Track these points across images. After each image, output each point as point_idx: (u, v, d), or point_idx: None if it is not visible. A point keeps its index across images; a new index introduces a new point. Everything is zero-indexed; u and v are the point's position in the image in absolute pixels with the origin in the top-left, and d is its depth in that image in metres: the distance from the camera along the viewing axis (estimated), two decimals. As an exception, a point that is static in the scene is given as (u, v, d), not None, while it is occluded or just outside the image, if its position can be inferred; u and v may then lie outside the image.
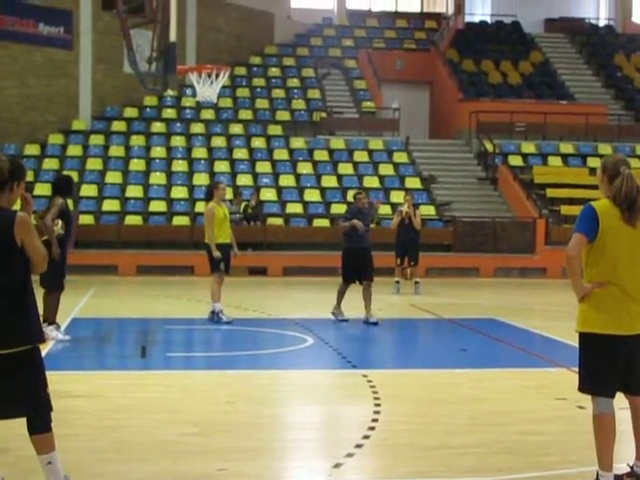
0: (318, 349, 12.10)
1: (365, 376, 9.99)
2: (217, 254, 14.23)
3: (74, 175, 24.62)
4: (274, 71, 33.97)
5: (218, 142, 29.27)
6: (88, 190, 26.09)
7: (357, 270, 14.65)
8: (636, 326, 5.93)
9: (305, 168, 28.27)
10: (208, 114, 30.60)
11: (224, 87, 22.24)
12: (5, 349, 5.36)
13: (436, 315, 12.78)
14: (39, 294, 8.35)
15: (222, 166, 28.03)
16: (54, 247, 11.49)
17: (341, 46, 36.56)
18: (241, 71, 33.31)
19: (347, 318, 14.58)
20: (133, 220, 25.26)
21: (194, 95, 22.78)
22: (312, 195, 27.06)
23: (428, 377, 10.40)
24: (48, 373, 5.62)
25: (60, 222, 11.57)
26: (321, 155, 29.04)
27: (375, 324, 14.12)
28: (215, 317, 14.38)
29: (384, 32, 38.15)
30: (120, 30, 15.64)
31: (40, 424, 5.50)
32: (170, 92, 26.84)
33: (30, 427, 5.50)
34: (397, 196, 26.42)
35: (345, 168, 28.42)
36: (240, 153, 28.81)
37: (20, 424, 5.62)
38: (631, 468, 6.13)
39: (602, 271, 5.92)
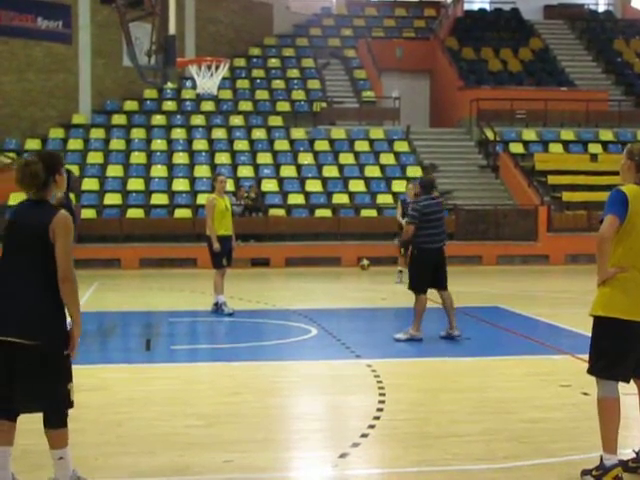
0: (322, 339, 12.11)
1: (369, 366, 10.00)
2: (217, 246, 14.25)
3: (75, 169, 24.66)
4: (274, 62, 33.92)
5: (218, 134, 29.25)
6: (89, 184, 26.09)
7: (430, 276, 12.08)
8: None
9: (306, 159, 28.26)
10: (208, 106, 30.57)
11: (224, 79, 22.20)
12: (31, 341, 5.39)
13: (439, 304, 12.77)
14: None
15: (223, 158, 28.02)
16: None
17: (340, 36, 36.48)
18: (241, 62, 33.26)
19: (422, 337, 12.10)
20: (135, 213, 25.27)
21: (194, 87, 22.78)
22: (313, 185, 27.05)
23: (432, 366, 10.41)
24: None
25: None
26: (322, 145, 29.02)
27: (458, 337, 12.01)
28: (219, 309, 14.43)
29: (383, 21, 38.08)
30: (119, 23, 15.63)
31: (56, 419, 5.53)
32: (170, 85, 26.80)
33: (46, 421, 5.53)
34: (398, 185, 26.41)
35: (346, 158, 28.41)
36: (241, 144, 28.80)
37: (28, 419, 5.65)
38: (637, 454, 6.14)
39: (627, 254, 5.91)
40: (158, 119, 29.75)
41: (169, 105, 30.72)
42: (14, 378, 5.43)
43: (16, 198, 25.55)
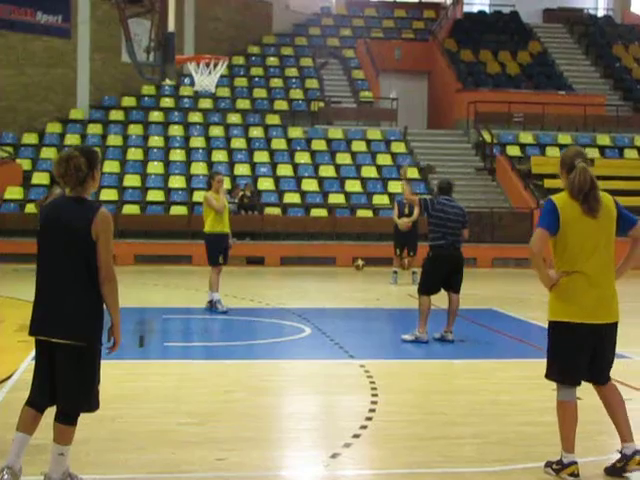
0: (315, 339, 12.11)
1: (362, 366, 10.01)
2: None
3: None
4: (272, 61, 33.93)
5: (216, 131, 29.25)
6: (86, 179, 26.03)
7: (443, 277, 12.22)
8: (599, 314, 6.02)
9: (303, 158, 28.27)
10: (206, 103, 30.56)
11: (222, 76, 22.22)
12: (73, 341, 5.42)
13: (433, 305, 12.75)
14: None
15: (220, 155, 28.01)
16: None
17: (339, 36, 36.51)
18: (239, 61, 33.28)
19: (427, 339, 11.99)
20: (131, 209, 25.27)
21: (192, 84, 22.76)
22: (310, 185, 27.06)
23: (425, 367, 10.42)
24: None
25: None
26: (319, 145, 29.03)
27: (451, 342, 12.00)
28: (214, 307, 14.42)
29: (382, 22, 38.11)
30: (118, 19, 15.64)
31: (71, 416, 5.58)
32: (168, 82, 26.73)
33: (60, 416, 5.55)
34: (395, 186, 26.43)
35: (343, 158, 28.42)
36: (238, 142, 28.80)
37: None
38: (620, 452, 6.21)
39: (567, 261, 6.10)
40: (156, 116, 29.75)
41: (167, 102, 30.71)
42: (54, 373, 5.49)
43: (12, 192, 25.52)
